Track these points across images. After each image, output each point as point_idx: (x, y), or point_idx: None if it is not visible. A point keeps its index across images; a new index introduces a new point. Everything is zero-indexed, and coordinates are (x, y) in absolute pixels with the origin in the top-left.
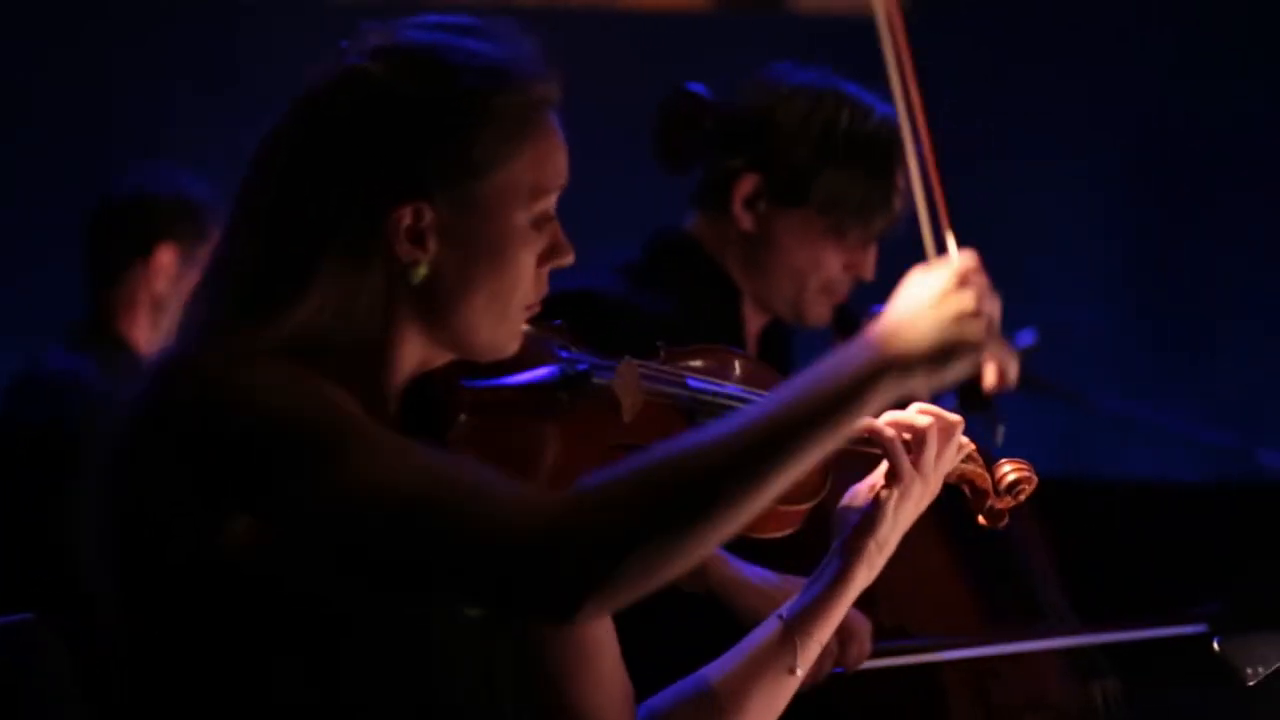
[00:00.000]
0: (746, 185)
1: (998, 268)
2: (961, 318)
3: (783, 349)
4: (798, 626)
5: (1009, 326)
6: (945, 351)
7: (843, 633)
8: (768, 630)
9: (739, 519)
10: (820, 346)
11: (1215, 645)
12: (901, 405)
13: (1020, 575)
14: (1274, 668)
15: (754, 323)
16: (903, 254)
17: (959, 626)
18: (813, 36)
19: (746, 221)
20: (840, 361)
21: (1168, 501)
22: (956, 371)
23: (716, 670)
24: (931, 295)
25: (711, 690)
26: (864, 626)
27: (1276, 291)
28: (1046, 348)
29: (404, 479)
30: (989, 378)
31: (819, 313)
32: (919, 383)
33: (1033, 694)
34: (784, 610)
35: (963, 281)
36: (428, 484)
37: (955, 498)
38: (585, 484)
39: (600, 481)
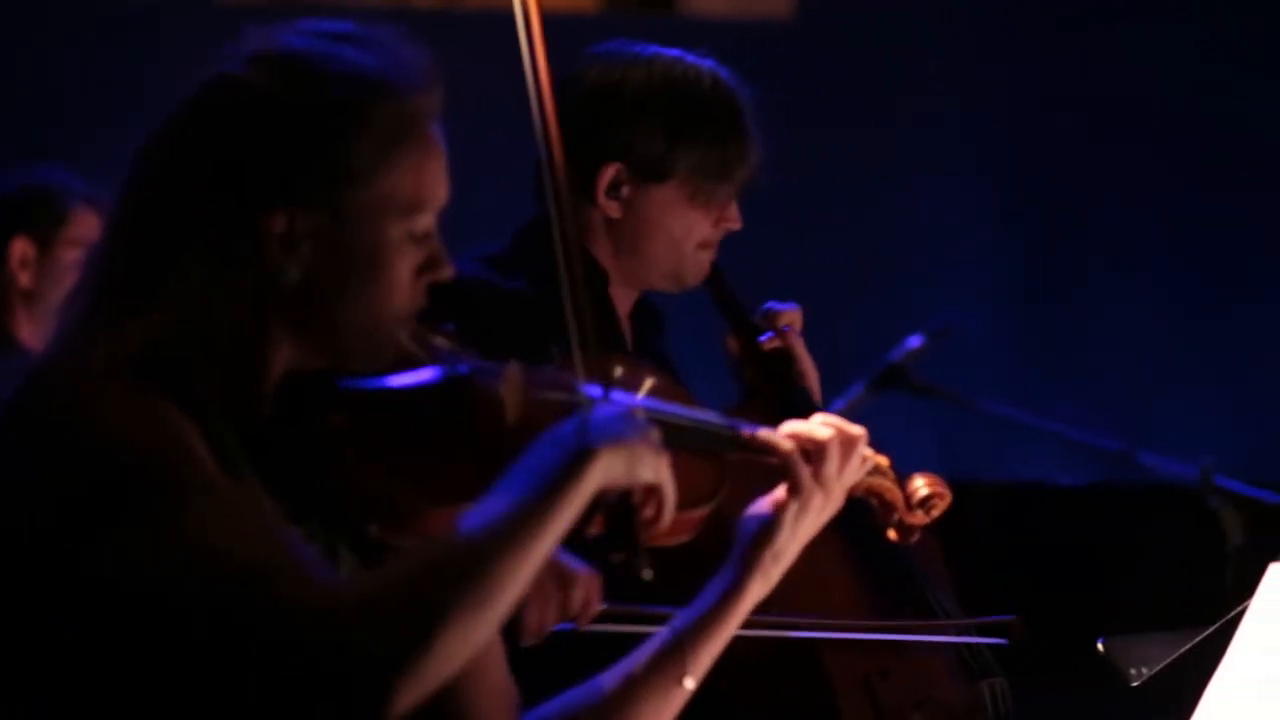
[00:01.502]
0: (607, 174)
1: (884, 273)
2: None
3: (655, 327)
4: (689, 636)
5: (896, 331)
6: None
7: (563, 578)
8: (659, 640)
9: (517, 591)
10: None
11: (1100, 646)
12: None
13: (912, 577)
14: (1158, 668)
15: (623, 304)
16: None
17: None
18: (703, 39)
19: (613, 210)
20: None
21: (1052, 503)
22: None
23: (607, 679)
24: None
25: (601, 699)
26: (593, 579)
27: (1156, 296)
28: (932, 352)
29: (230, 548)
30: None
31: (699, 270)
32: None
33: (921, 693)
34: (676, 620)
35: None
36: (247, 560)
37: (853, 508)
38: (372, 576)
39: (391, 574)
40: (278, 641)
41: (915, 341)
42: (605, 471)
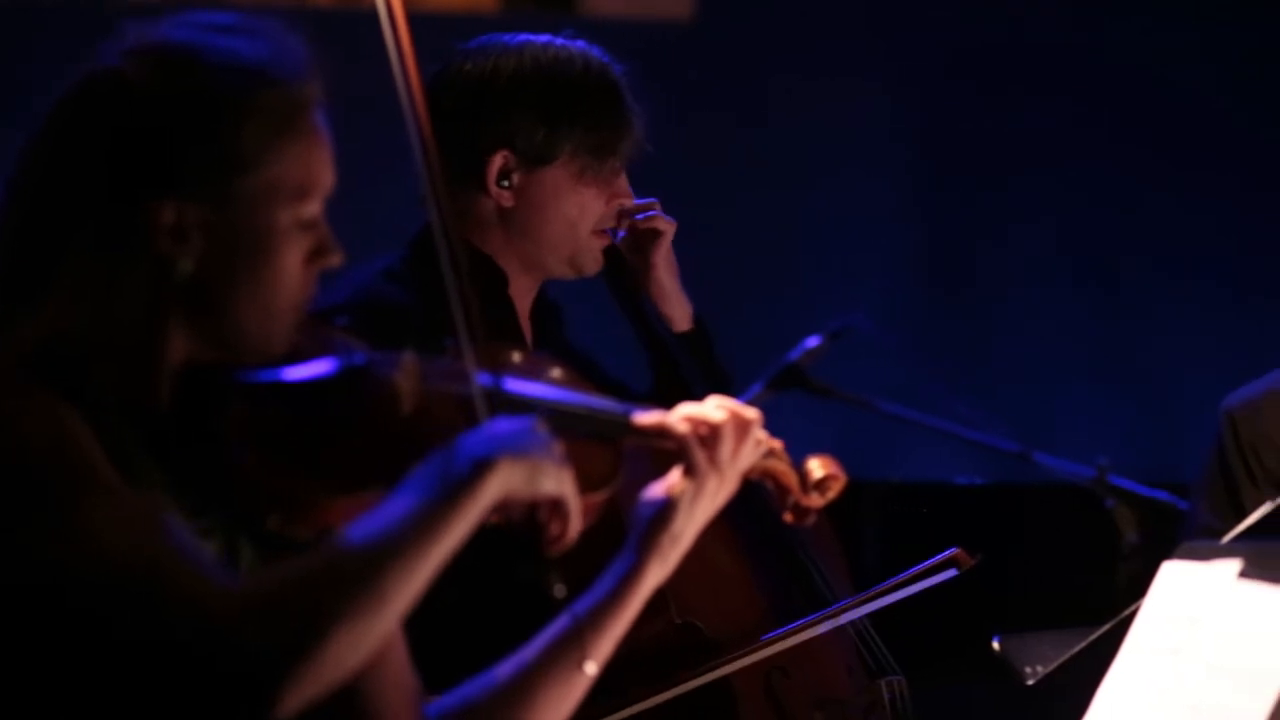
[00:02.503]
0: (495, 164)
1: (784, 272)
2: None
3: (556, 323)
4: (589, 621)
5: (796, 331)
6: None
7: None
8: (559, 626)
9: (408, 598)
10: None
11: (995, 644)
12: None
13: (809, 573)
14: (1054, 665)
15: (523, 302)
16: None
17: (748, 623)
18: (602, 39)
19: (506, 198)
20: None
21: (949, 503)
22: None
23: (506, 668)
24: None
25: (503, 687)
26: None
27: (1053, 299)
28: (831, 352)
29: (122, 549)
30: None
31: (595, 257)
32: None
33: (821, 691)
34: (576, 605)
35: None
36: (138, 563)
37: (745, 495)
38: (263, 578)
39: (281, 578)
40: (166, 641)
41: (813, 341)
42: (504, 483)
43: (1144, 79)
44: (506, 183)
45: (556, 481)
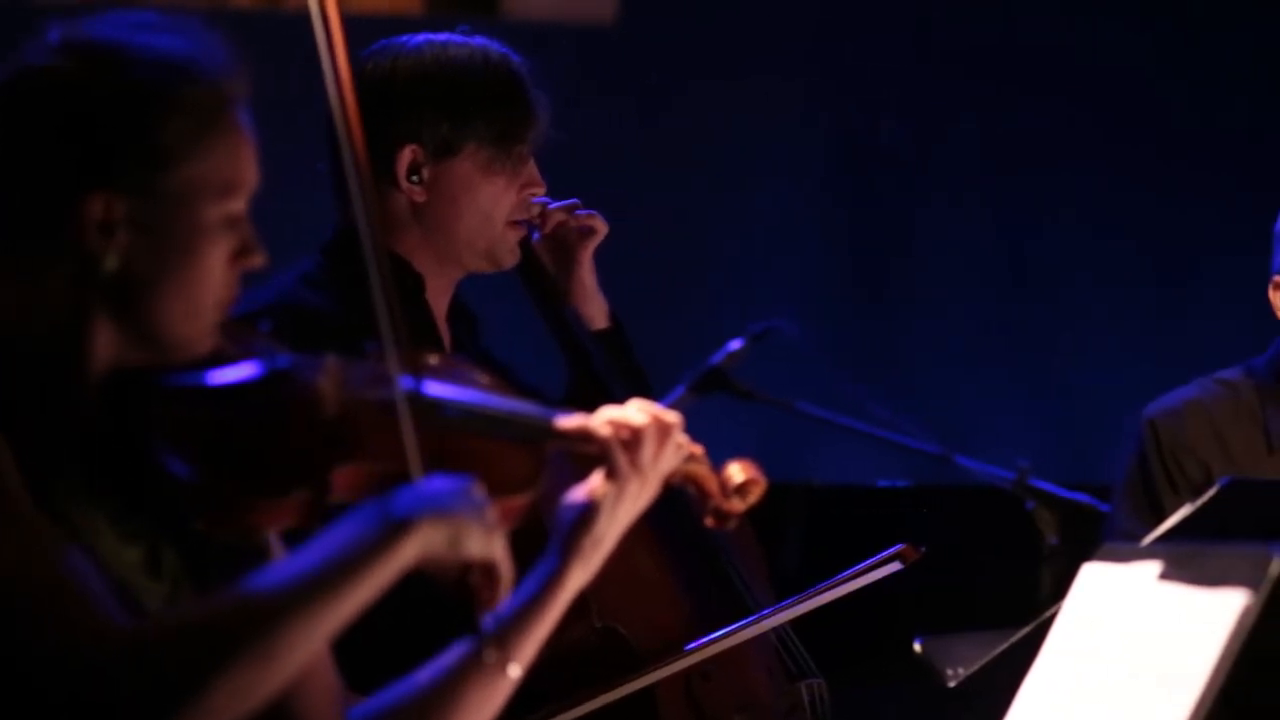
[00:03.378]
0: (404, 158)
1: (707, 275)
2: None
3: (471, 329)
4: (512, 624)
5: (719, 334)
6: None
7: None
8: (483, 629)
9: (304, 655)
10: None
11: (917, 646)
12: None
13: (730, 577)
14: (975, 667)
15: (439, 304)
16: None
17: (670, 628)
18: (525, 41)
19: (417, 193)
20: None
21: (871, 505)
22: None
23: (431, 670)
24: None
25: (426, 690)
26: None
27: (975, 302)
28: (753, 355)
29: (11, 578)
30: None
31: (511, 249)
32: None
33: (742, 695)
34: (500, 608)
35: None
36: (22, 590)
37: (666, 500)
38: (154, 622)
39: (168, 623)
40: (46, 676)
41: (736, 344)
42: (423, 545)
43: (1061, 77)
44: (416, 177)
45: (484, 546)
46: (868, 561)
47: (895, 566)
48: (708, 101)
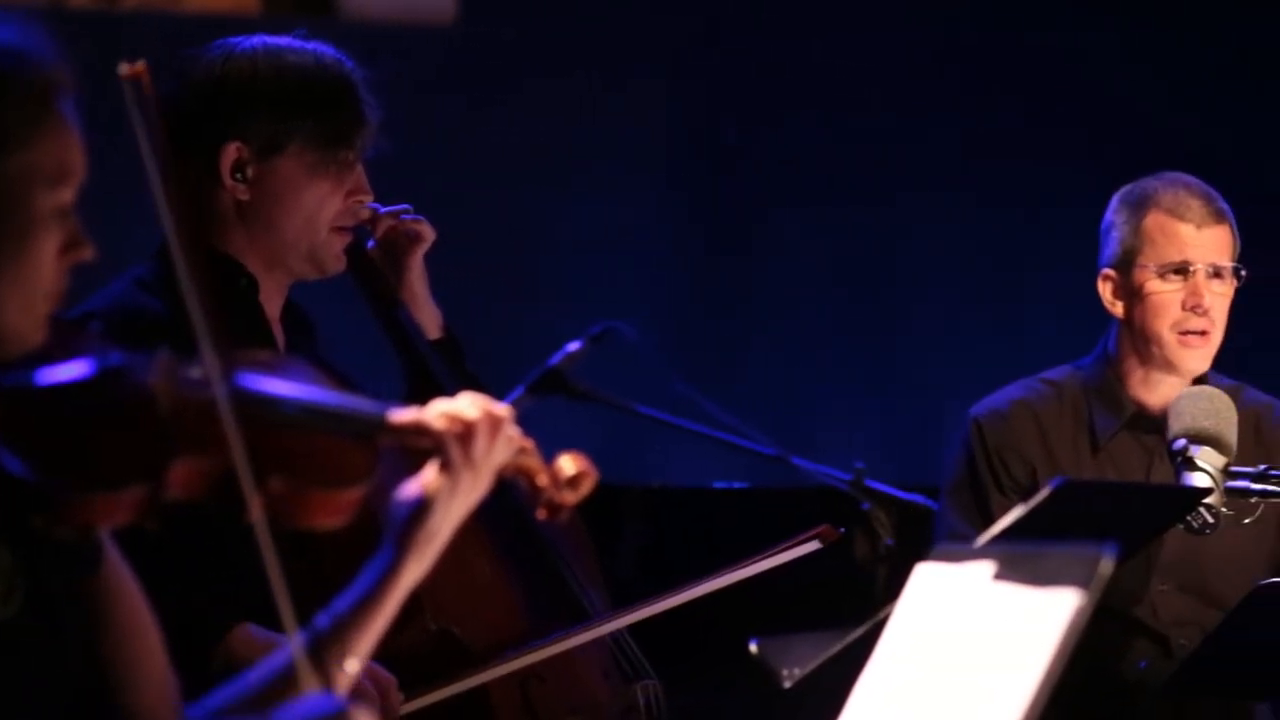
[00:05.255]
0: (229, 156)
1: (549, 276)
2: None
3: (306, 328)
4: (348, 619)
5: (556, 336)
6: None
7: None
8: (318, 626)
9: None
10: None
11: (753, 647)
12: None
13: (564, 578)
14: (811, 667)
15: (272, 306)
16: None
17: (504, 629)
18: (363, 43)
19: (241, 191)
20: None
21: (708, 506)
22: None
23: (262, 671)
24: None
25: (262, 689)
26: (389, 680)
27: (812, 304)
28: (593, 357)
29: None
30: None
31: (336, 255)
32: None
33: (577, 697)
34: (334, 604)
35: None
36: None
37: (500, 501)
38: None
39: None
40: None
41: (574, 346)
42: None
43: (898, 77)
44: (241, 175)
45: None
46: (788, 541)
47: (814, 545)
48: (549, 101)
